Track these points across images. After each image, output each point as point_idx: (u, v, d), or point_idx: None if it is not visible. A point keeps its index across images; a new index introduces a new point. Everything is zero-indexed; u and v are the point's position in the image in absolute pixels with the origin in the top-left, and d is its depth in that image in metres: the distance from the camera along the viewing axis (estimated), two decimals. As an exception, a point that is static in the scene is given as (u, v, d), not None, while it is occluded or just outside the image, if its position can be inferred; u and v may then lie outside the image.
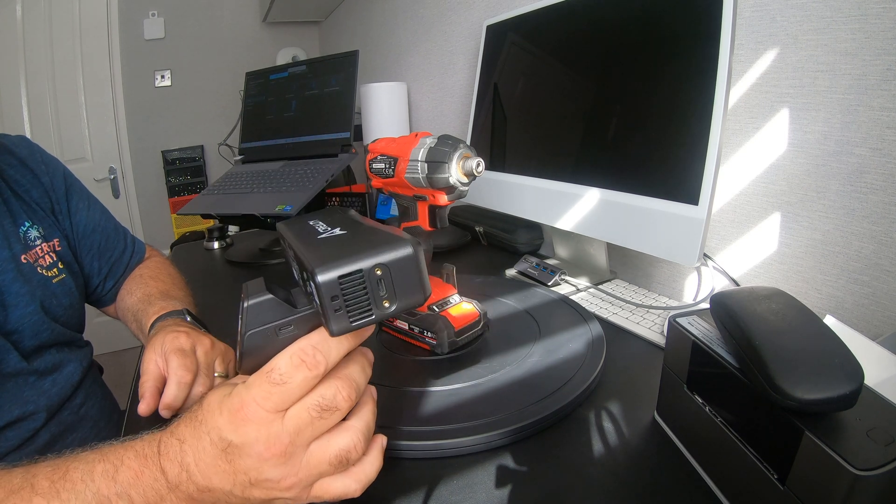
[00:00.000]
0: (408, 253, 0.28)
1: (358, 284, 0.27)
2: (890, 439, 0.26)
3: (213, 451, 0.29)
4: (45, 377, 0.62)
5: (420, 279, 0.29)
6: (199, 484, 0.29)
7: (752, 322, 0.33)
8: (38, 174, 0.69)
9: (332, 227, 0.34)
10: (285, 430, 0.29)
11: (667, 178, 0.60)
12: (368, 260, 0.27)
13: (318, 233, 0.33)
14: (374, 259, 0.27)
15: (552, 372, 0.52)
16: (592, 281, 0.79)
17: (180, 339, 0.53)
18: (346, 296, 0.27)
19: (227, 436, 0.29)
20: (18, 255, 0.61)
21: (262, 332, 0.30)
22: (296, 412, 0.29)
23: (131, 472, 0.30)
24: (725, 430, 0.35)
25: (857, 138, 0.54)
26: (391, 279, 0.28)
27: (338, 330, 0.27)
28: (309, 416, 0.29)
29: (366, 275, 0.27)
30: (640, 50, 0.64)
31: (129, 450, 0.31)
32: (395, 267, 0.28)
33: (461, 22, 1.25)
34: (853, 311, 0.57)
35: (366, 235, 0.31)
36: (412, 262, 0.28)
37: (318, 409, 0.29)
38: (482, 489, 0.39)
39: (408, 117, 1.52)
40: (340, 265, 0.27)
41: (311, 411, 0.29)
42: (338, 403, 0.30)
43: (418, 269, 0.28)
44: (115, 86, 2.27)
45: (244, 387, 0.29)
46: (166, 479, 0.29)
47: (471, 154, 0.51)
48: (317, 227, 0.34)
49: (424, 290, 0.29)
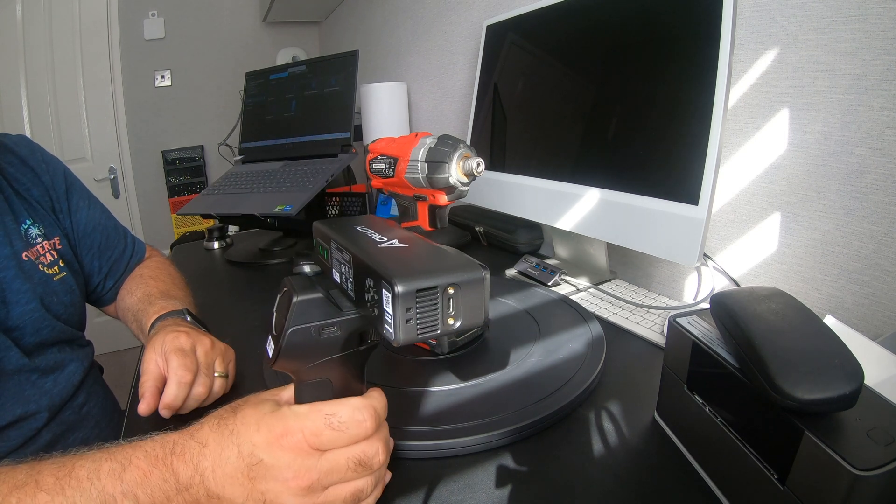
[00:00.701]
0: (479, 276, 0.30)
1: (431, 299, 0.29)
2: (890, 439, 0.26)
3: (237, 464, 0.29)
4: (46, 376, 0.62)
5: (484, 301, 0.31)
6: (210, 490, 0.29)
7: (752, 322, 0.33)
8: (39, 173, 0.69)
9: (386, 237, 0.35)
10: (318, 468, 0.29)
11: (667, 178, 0.60)
12: (445, 278, 0.29)
13: (375, 241, 0.34)
14: (450, 278, 0.29)
15: (552, 372, 0.52)
16: (592, 281, 0.79)
17: (180, 339, 0.53)
18: (420, 308, 0.28)
19: (259, 454, 0.29)
20: (20, 253, 0.61)
21: (306, 329, 0.31)
22: (335, 456, 0.30)
23: (139, 471, 0.30)
24: (725, 430, 0.35)
25: (857, 138, 0.54)
26: (461, 298, 0.30)
27: (405, 339, 0.28)
28: (346, 465, 0.30)
29: (440, 291, 0.29)
30: (640, 50, 0.64)
31: (139, 450, 0.31)
32: (466, 287, 0.29)
33: (461, 22, 1.25)
34: (853, 311, 0.57)
35: (434, 253, 0.33)
36: (481, 285, 0.30)
37: (356, 462, 0.30)
38: (482, 489, 0.39)
39: (408, 117, 1.52)
40: (420, 279, 0.28)
41: (349, 461, 0.30)
42: (373, 464, 0.31)
43: (484, 292, 0.30)
44: (115, 86, 2.27)
45: (294, 415, 0.30)
46: (177, 479, 0.29)
47: (471, 154, 0.51)
48: (370, 236, 0.36)
49: (486, 312, 0.31)
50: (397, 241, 0.34)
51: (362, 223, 0.40)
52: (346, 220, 0.42)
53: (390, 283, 0.27)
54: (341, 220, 0.41)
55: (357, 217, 0.44)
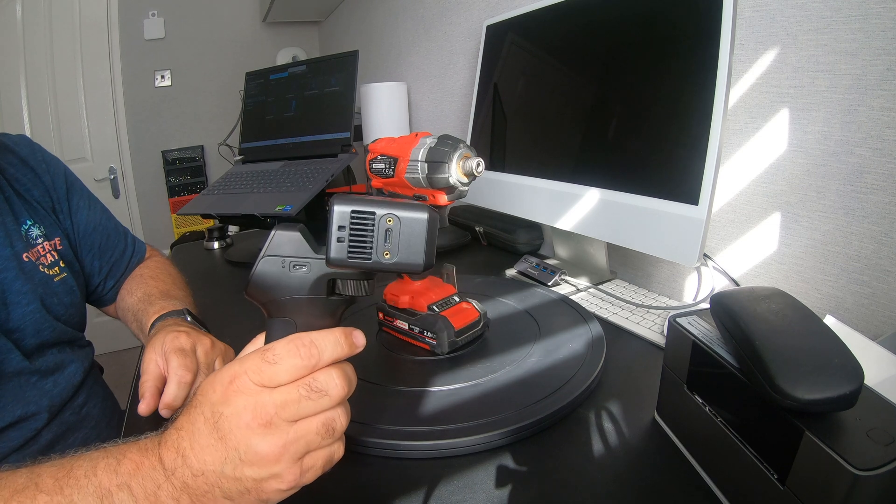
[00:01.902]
0: (420, 216, 0.30)
1: (367, 224, 0.30)
2: (890, 439, 0.26)
3: (206, 429, 0.30)
4: (46, 377, 0.62)
5: (424, 245, 0.31)
6: (193, 467, 0.29)
7: (752, 322, 0.33)
8: (39, 173, 0.69)
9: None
10: (271, 401, 0.29)
11: (667, 178, 0.60)
12: (384, 209, 0.30)
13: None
14: (388, 210, 0.30)
15: (552, 372, 0.52)
16: (592, 281, 0.79)
17: (180, 339, 0.53)
18: (353, 230, 0.30)
19: (218, 408, 0.30)
20: (20, 254, 0.61)
21: (277, 260, 0.32)
22: (285, 388, 0.30)
23: (132, 463, 0.30)
24: (725, 430, 0.35)
25: (857, 138, 0.54)
26: (399, 235, 0.30)
27: (334, 258, 0.30)
28: (297, 394, 0.30)
29: (377, 220, 0.30)
30: (640, 50, 0.64)
31: (133, 444, 0.32)
32: (405, 224, 0.30)
33: (461, 22, 1.25)
34: (853, 311, 0.57)
35: (394, 196, 0.33)
36: (421, 225, 0.30)
37: (308, 390, 0.30)
38: (482, 489, 0.39)
39: (408, 117, 1.52)
40: (358, 203, 0.30)
41: (300, 389, 0.30)
42: (329, 389, 0.30)
43: (426, 235, 0.31)
44: (115, 86, 2.27)
45: (237, 361, 0.31)
46: (163, 466, 0.30)
47: (471, 154, 0.51)
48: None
49: (427, 257, 0.31)
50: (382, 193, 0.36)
51: None
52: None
53: (330, 203, 0.29)
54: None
55: None
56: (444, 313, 0.57)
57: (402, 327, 0.59)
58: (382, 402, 0.49)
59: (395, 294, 0.60)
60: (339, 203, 0.30)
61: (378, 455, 0.43)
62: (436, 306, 0.58)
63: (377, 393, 0.50)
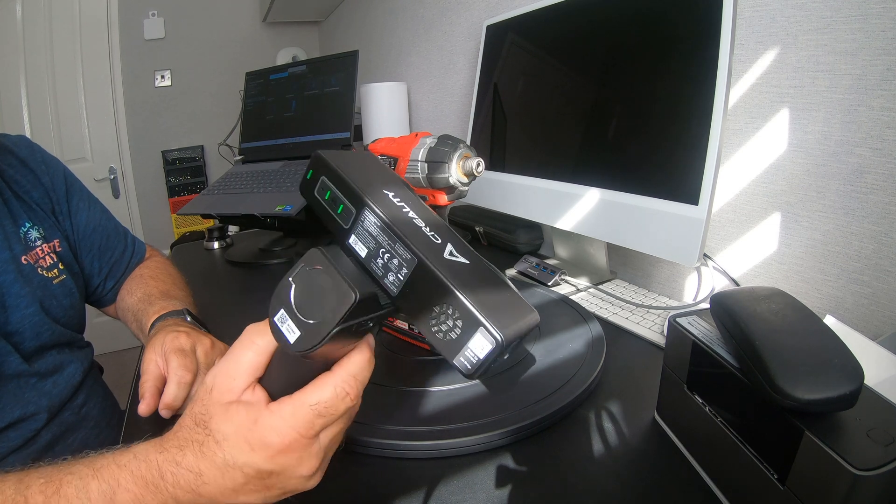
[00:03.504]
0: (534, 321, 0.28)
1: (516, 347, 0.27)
2: (890, 439, 0.26)
3: (247, 482, 0.29)
4: (46, 378, 0.62)
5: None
6: (219, 502, 0.30)
7: (752, 322, 0.33)
8: (39, 174, 0.69)
9: (437, 234, 0.30)
10: (321, 447, 0.30)
11: (667, 178, 0.60)
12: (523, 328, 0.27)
13: (430, 241, 0.29)
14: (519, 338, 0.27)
15: (552, 372, 0.52)
16: (592, 281, 0.79)
17: (180, 339, 0.53)
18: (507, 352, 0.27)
19: (267, 467, 0.29)
20: (19, 257, 0.61)
21: (351, 325, 0.28)
22: (331, 430, 0.30)
23: (130, 494, 0.29)
24: (725, 430, 0.35)
25: (857, 138, 0.54)
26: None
27: (478, 377, 0.27)
28: (339, 430, 0.31)
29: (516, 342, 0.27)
30: (640, 50, 0.64)
31: (124, 470, 0.30)
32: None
33: (461, 22, 1.25)
34: (853, 311, 0.57)
35: (502, 291, 0.29)
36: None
37: (347, 420, 0.31)
38: (482, 489, 0.39)
39: (408, 117, 1.52)
40: (511, 333, 0.26)
41: (340, 424, 0.30)
42: (356, 408, 0.31)
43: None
44: (115, 86, 2.27)
45: (281, 420, 0.28)
46: (177, 501, 0.29)
47: (471, 154, 0.51)
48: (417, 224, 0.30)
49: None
50: (452, 249, 0.30)
51: (384, 180, 0.33)
52: (356, 163, 0.34)
53: (496, 337, 0.25)
54: (354, 164, 0.33)
55: (366, 158, 0.36)
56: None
57: (402, 327, 0.59)
58: (383, 402, 0.49)
59: (395, 294, 0.60)
60: (502, 333, 0.25)
61: (378, 455, 0.43)
62: (436, 306, 0.58)
63: (377, 393, 0.50)
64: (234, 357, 0.30)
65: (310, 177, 0.32)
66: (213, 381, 0.30)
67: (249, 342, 0.30)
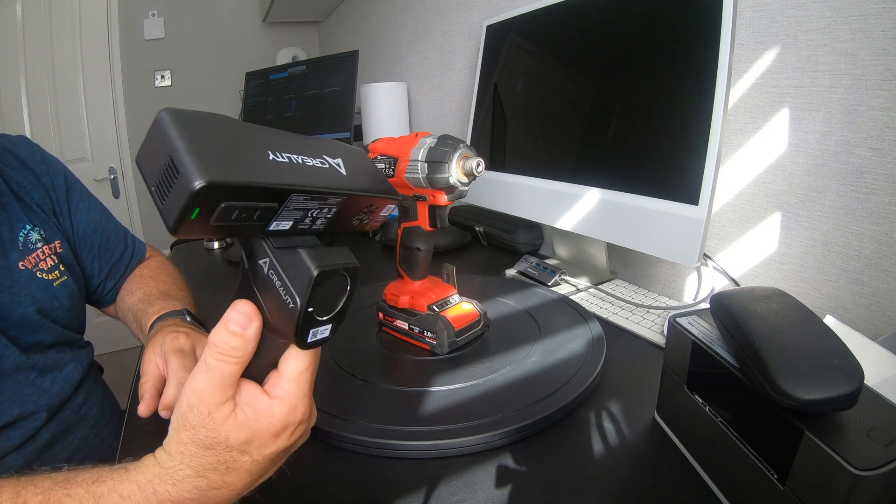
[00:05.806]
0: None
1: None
2: (890, 439, 0.26)
3: (271, 463, 0.30)
4: (44, 375, 0.62)
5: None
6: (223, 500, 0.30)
7: (752, 322, 0.33)
8: (39, 175, 0.69)
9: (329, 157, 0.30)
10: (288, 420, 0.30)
11: (667, 178, 0.60)
12: None
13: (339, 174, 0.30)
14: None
15: (552, 372, 0.52)
16: (592, 281, 0.79)
17: (180, 340, 0.53)
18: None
19: (288, 442, 0.30)
20: (15, 263, 0.61)
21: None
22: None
23: None
24: (725, 430, 0.35)
25: (857, 138, 0.54)
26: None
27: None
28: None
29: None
30: (640, 50, 0.64)
31: (128, 502, 0.28)
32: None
33: (461, 22, 1.25)
34: (853, 311, 0.57)
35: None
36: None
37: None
38: (482, 489, 0.39)
39: (408, 117, 1.52)
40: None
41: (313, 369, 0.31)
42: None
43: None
44: (115, 86, 2.27)
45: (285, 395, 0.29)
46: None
47: (471, 154, 0.51)
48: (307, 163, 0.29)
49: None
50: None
51: (263, 145, 0.27)
52: (233, 151, 0.25)
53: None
54: (236, 158, 0.25)
55: (221, 123, 0.26)
56: (444, 313, 0.57)
57: (402, 327, 0.59)
58: (382, 402, 0.49)
59: (395, 294, 0.60)
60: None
61: (378, 455, 0.43)
62: (436, 306, 0.58)
63: (377, 393, 0.50)
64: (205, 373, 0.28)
65: (195, 216, 0.23)
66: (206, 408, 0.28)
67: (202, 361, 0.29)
